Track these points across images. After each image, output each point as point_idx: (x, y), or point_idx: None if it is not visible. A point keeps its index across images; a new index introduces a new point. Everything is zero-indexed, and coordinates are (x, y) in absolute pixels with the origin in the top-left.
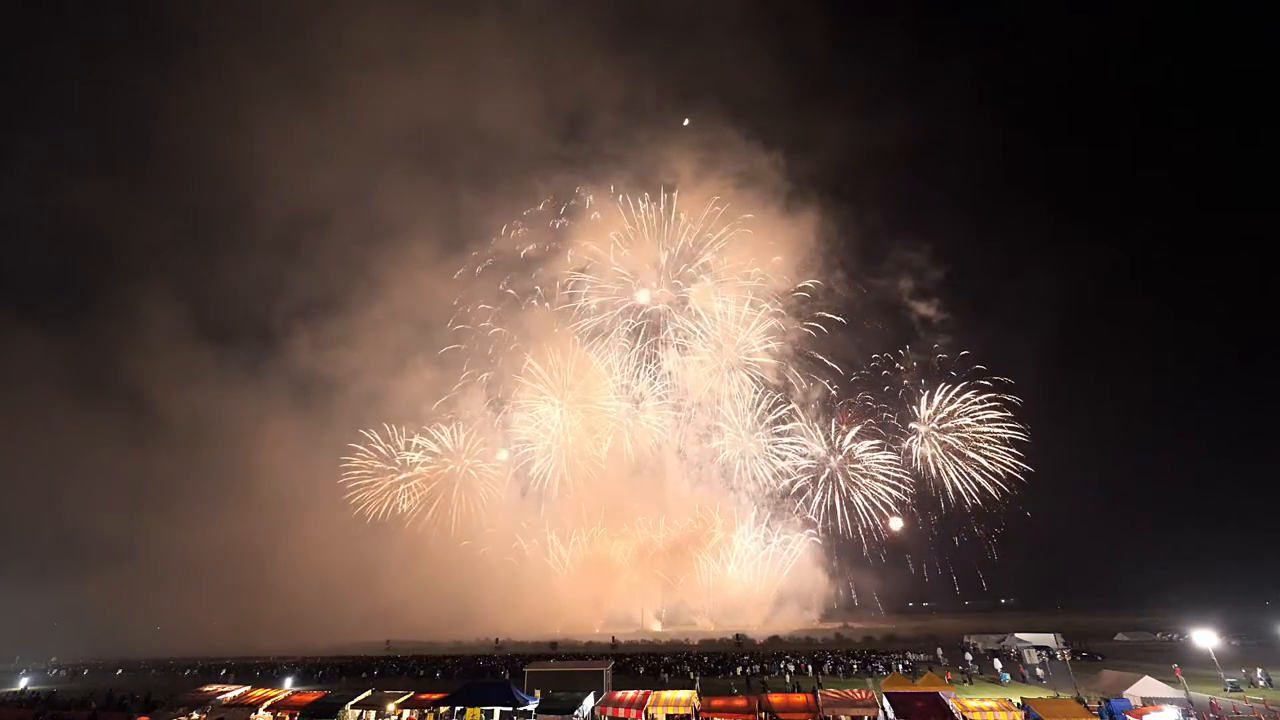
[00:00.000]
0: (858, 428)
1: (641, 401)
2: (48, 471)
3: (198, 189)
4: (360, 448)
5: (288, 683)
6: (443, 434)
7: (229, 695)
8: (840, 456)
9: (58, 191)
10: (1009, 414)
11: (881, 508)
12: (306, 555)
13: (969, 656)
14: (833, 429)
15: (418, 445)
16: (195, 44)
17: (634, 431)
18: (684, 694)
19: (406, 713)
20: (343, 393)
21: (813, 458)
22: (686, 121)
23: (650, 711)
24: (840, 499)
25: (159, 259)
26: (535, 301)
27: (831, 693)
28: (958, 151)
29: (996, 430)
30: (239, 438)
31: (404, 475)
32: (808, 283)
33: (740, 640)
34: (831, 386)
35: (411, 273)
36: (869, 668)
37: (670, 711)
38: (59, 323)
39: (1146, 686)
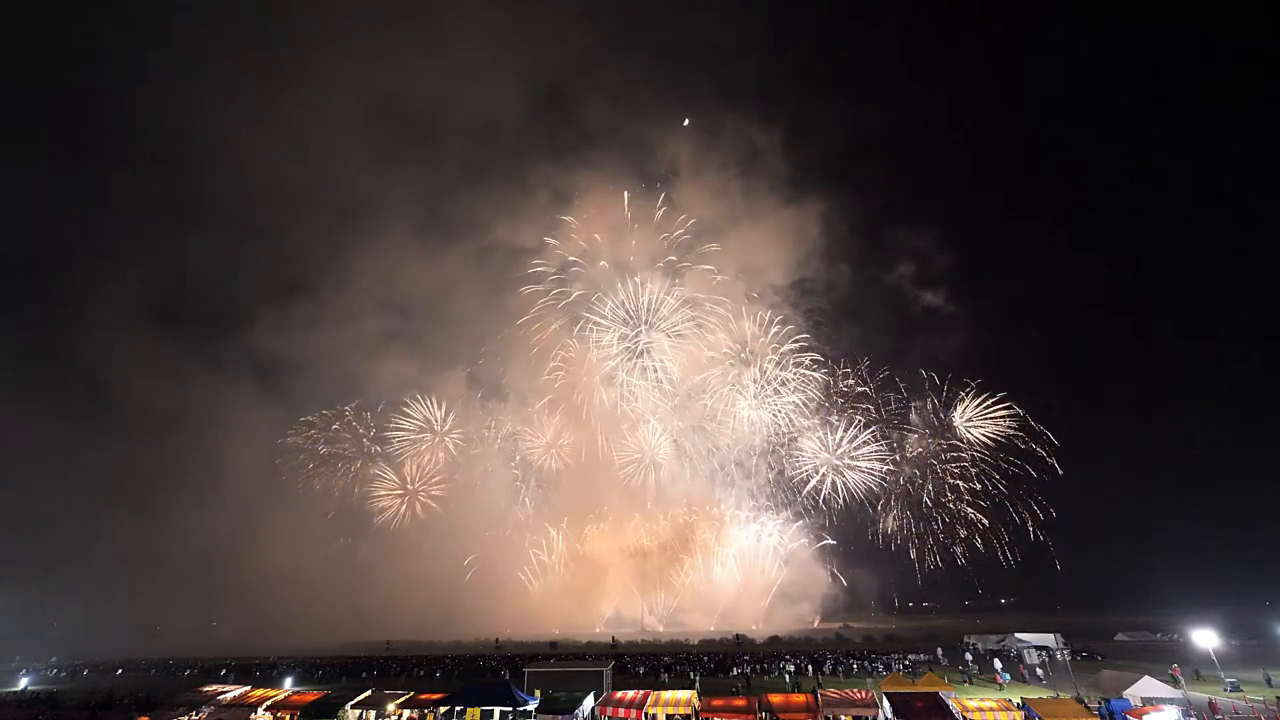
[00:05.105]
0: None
1: (636, 393)
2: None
3: (157, 167)
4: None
5: (288, 683)
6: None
7: (229, 695)
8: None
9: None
10: (1011, 414)
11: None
12: (291, 552)
13: (969, 656)
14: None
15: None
16: (149, 10)
17: (631, 425)
18: (684, 694)
19: (406, 713)
20: (319, 380)
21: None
22: (686, 122)
23: (650, 711)
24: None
25: (114, 238)
26: (525, 289)
27: (831, 693)
28: (961, 138)
29: (1000, 432)
30: (212, 430)
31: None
32: (807, 274)
33: (740, 640)
34: (832, 379)
35: (387, 256)
36: (869, 668)
37: (670, 711)
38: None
39: (1146, 686)
